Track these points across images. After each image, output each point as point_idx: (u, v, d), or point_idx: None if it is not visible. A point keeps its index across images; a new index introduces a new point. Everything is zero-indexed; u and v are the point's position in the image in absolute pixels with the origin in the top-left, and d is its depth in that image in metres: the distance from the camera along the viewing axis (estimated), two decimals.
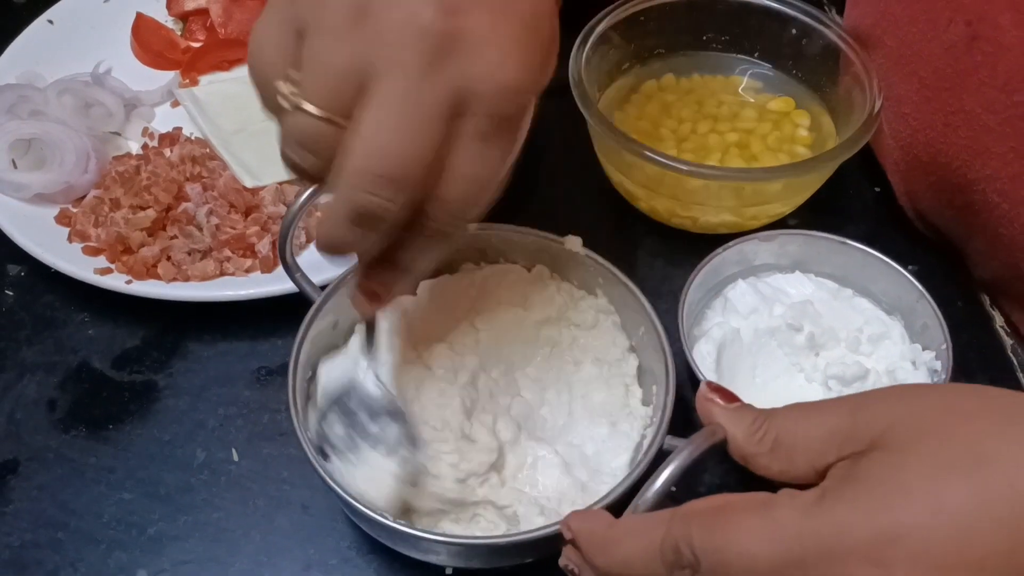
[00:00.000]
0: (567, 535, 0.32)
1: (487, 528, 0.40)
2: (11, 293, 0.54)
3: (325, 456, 0.40)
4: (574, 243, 0.45)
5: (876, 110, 0.50)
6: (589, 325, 0.46)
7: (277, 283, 0.51)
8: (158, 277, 0.51)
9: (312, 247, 0.54)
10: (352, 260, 0.37)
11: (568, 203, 0.57)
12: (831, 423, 0.29)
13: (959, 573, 0.24)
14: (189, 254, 0.51)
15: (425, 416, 0.41)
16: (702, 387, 0.34)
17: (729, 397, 0.33)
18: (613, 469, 0.41)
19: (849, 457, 0.28)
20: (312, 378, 0.44)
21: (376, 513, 0.38)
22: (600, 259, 0.45)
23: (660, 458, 0.34)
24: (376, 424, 0.40)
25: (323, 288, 0.44)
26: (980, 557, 0.24)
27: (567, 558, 0.33)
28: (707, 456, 0.32)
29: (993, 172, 0.46)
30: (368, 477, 0.39)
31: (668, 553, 0.28)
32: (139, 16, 0.66)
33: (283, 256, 0.43)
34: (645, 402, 0.44)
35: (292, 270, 0.44)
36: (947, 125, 0.48)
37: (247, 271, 0.52)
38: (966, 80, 0.46)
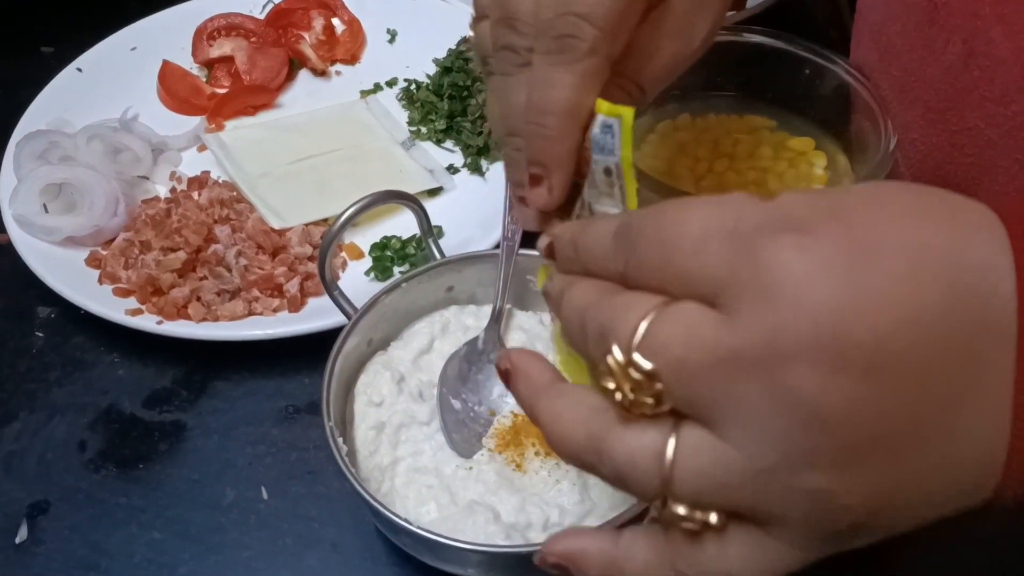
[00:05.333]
0: (542, 243, 0.31)
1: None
2: (41, 335, 0.55)
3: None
4: None
5: (891, 149, 0.51)
6: None
7: (304, 322, 0.52)
8: (188, 317, 0.52)
9: (349, 272, 0.57)
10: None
11: None
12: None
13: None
14: (218, 294, 0.52)
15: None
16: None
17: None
18: None
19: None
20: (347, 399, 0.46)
21: (401, 519, 0.38)
22: None
23: None
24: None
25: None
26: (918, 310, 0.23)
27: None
28: None
29: (1001, 187, 0.47)
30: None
31: (620, 229, 0.26)
32: (165, 63, 0.68)
33: (322, 273, 0.46)
34: None
35: (330, 287, 0.46)
36: (953, 145, 0.49)
37: (275, 311, 0.53)
38: (967, 97, 0.47)
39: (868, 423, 0.22)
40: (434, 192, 0.61)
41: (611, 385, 0.24)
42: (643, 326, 0.24)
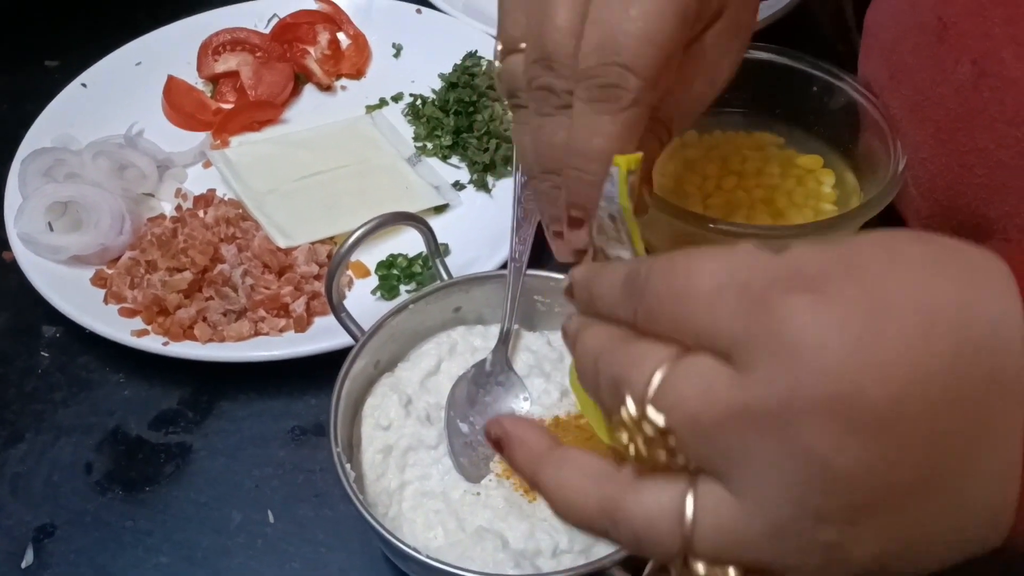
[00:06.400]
0: (564, 284, 0.31)
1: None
2: (46, 354, 0.55)
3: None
4: None
5: (900, 169, 0.50)
6: None
7: (311, 343, 0.51)
8: (194, 338, 0.51)
9: (355, 290, 0.56)
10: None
11: None
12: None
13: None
14: (225, 315, 0.52)
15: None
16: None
17: None
18: None
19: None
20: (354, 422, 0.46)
21: (408, 547, 0.38)
22: None
23: None
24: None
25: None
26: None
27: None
28: None
29: (1012, 209, 0.47)
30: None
31: (630, 278, 0.26)
32: (170, 79, 0.68)
33: (329, 294, 0.45)
34: None
35: (338, 309, 0.46)
36: (963, 166, 0.49)
37: (281, 331, 0.53)
38: (977, 118, 0.47)
39: (880, 480, 0.22)
40: (440, 209, 0.61)
41: (625, 438, 0.24)
42: (656, 379, 0.24)
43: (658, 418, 0.24)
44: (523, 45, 0.35)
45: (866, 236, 0.25)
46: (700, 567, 0.24)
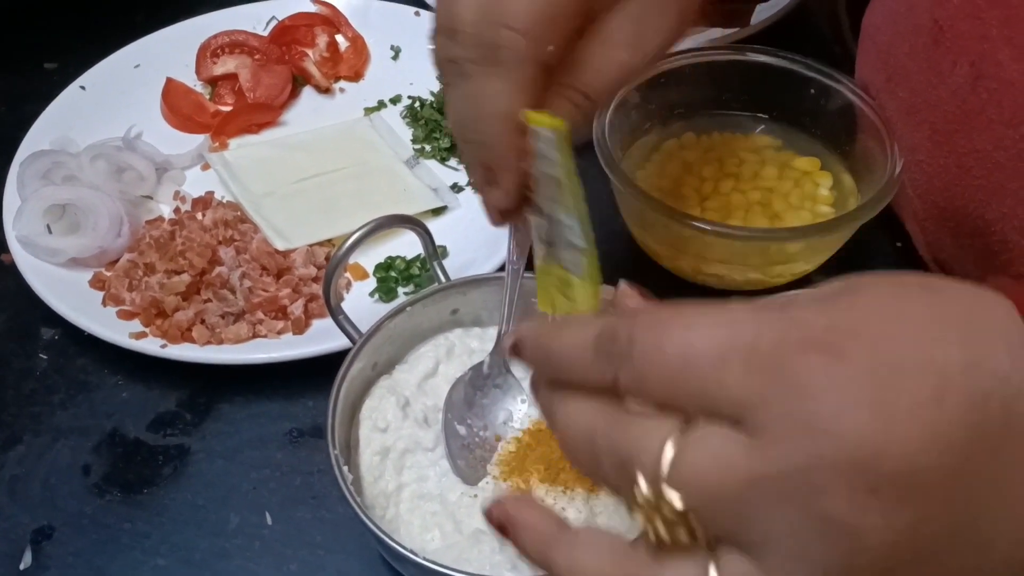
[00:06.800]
0: (507, 343, 0.29)
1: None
2: (44, 357, 0.55)
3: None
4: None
5: (897, 171, 0.50)
6: None
7: (309, 345, 0.52)
8: (192, 340, 0.51)
9: (353, 292, 0.56)
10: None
11: None
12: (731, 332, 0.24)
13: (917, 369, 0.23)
14: (223, 317, 0.52)
15: None
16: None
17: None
18: None
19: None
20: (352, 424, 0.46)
21: (406, 550, 0.38)
22: None
23: None
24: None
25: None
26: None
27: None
28: None
29: (1009, 210, 0.47)
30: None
31: (603, 340, 0.25)
32: (169, 81, 0.68)
33: (327, 297, 0.46)
34: None
35: (335, 312, 0.46)
36: (960, 167, 0.49)
37: (279, 333, 0.53)
38: (974, 120, 0.47)
39: (902, 543, 0.23)
40: (438, 211, 0.61)
41: (642, 519, 0.24)
42: (667, 455, 0.24)
43: (676, 499, 0.23)
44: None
45: (869, 288, 0.25)
46: None
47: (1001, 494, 0.23)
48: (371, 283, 0.57)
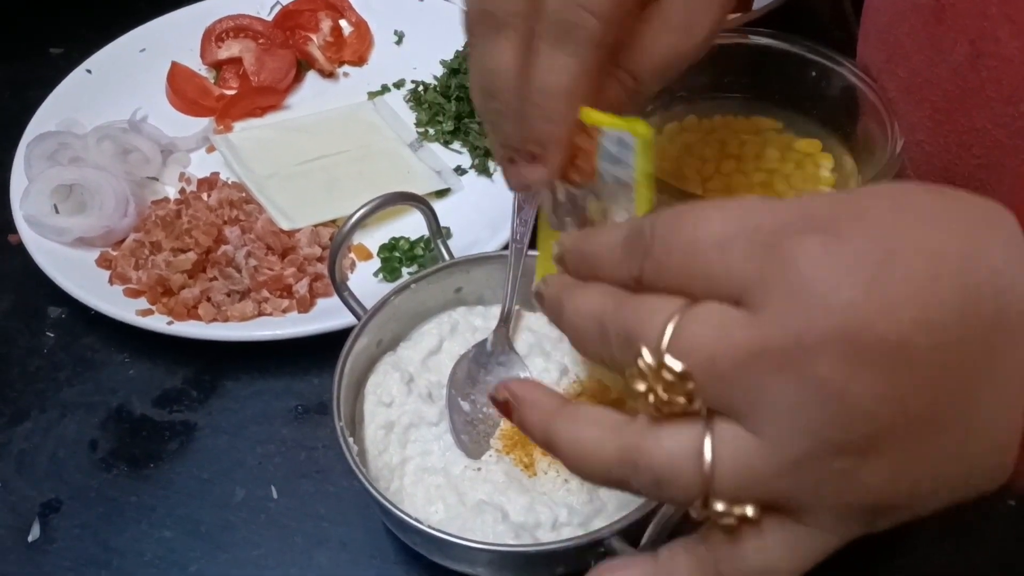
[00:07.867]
0: (555, 251, 0.31)
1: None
2: (52, 335, 0.55)
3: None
4: None
5: (898, 151, 0.51)
6: None
7: (314, 323, 0.52)
8: (198, 318, 0.52)
9: (357, 272, 0.57)
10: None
11: None
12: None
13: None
14: (228, 295, 0.53)
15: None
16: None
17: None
18: None
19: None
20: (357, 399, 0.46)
21: (411, 519, 0.39)
22: None
23: None
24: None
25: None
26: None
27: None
28: None
29: (1009, 188, 0.47)
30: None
31: (632, 236, 0.27)
32: (174, 65, 0.68)
33: (332, 275, 0.46)
34: None
35: (340, 288, 0.47)
36: (960, 145, 0.49)
37: (284, 311, 0.53)
38: (974, 98, 0.47)
39: (891, 412, 0.23)
40: (442, 193, 0.61)
41: (643, 387, 0.25)
42: (670, 328, 0.25)
43: (676, 364, 0.24)
44: None
45: (875, 186, 0.26)
46: (719, 506, 0.25)
47: (991, 383, 0.24)
48: (375, 264, 0.57)
